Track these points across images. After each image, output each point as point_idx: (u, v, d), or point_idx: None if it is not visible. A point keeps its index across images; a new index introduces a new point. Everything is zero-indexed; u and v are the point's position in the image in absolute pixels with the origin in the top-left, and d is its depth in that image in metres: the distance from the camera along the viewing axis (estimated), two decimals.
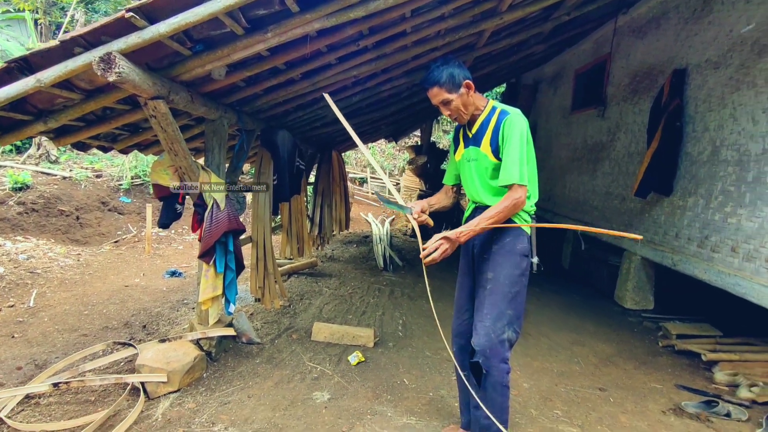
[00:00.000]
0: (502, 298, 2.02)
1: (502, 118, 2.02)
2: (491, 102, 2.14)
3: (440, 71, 2.01)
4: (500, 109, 2.07)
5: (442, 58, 2.08)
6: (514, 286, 2.04)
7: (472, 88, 2.07)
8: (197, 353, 2.93)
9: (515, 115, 2.01)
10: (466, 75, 2.05)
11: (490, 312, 2.02)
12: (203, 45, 2.28)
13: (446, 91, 2.03)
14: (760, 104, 3.32)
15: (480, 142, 2.09)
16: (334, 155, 6.30)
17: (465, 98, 2.06)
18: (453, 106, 2.07)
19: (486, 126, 2.08)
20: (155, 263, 6.67)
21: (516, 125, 1.98)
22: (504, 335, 2.00)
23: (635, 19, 5.11)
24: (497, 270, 2.06)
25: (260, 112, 3.63)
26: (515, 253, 2.06)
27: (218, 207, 2.80)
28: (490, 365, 1.99)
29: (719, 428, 2.66)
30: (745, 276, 3.33)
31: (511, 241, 2.07)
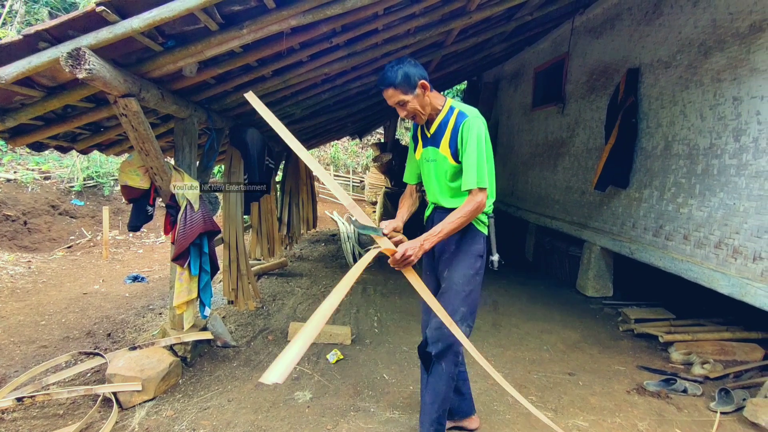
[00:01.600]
0: (455, 296, 2.09)
1: (460, 121, 2.01)
2: (449, 101, 2.12)
3: (395, 72, 1.97)
4: (458, 110, 2.06)
5: (397, 59, 2.04)
6: (467, 285, 2.10)
7: (428, 88, 2.04)
8: (172, 359, 2.84)
9: (473, 118, 2.00)
10: (421, 74, 2.01)
11: (444, 309, 2.06)
12: (175, 41, 2.21)
13: (402, 92, 1.99)
14: (707, 102, 3.57)
15: (439, 143, 2.09)
16: None
17: (421, 99, 2.03)
18: (409, 107, 2.04)
19: (444, 127, 2.07)
20: (114, 268, 6.38)
21: (474, 128, 1.97)
22: (456, 330, 2.03)
23: (591, 20, 5.35)
24: (452, 269, 2.13)
25: (229, 110, 3.56)
26: (470, 253, 2.12)
27: (192, 208, 2.72)
28: (442, 357, 2.07)
29: (678, 403, 2.86)
30: (696, 262, 3.58)
31: (467, 242, 2.13)
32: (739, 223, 3.21)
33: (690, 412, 2.76)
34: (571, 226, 5.51)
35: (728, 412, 2.74)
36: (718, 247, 3.38)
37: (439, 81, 7.07)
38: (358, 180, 15.84)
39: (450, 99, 2.15)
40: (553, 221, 6.00)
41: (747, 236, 3.13)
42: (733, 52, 3.32)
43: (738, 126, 3.26)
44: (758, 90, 3.10)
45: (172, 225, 2.72)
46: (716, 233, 3.40)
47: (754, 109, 3.13)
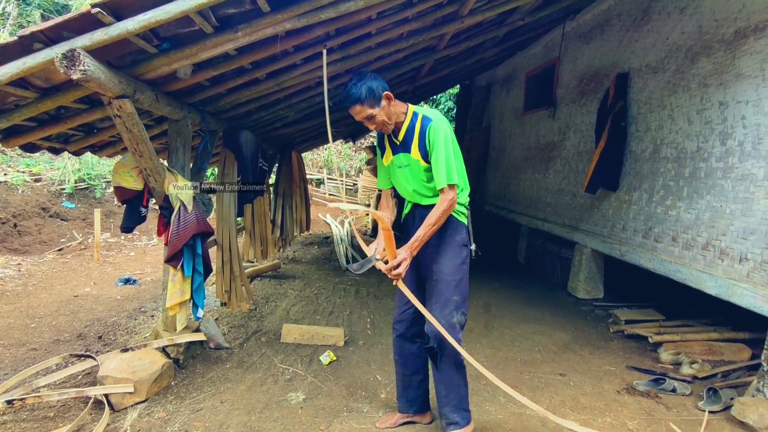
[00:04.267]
0: (446, 286, 2.16)
1: (425, 125, 2.10)
2: (411, 107, 2.20)
3: (359, 88, 2.03)
4: (422, 114, 2.15)
5: (356, 75, 2.10)
6: (456, 274, 2.17)
7: (392, 99, 2.12)
8: (164, 361, 2.84)
9: (437, 120, 2.10)
10: (384, 86, 2.09)
11: (437, 300, 2.16)
12: (170, 43, 2.23)
13: (368, 107, 2.06)
14: (694, 106, 3.63)
15: (409, 149, 2.18)
16: (294, 156, 6.25)
17: (387, 110, 2.11)
18: (377, 120, 2.11)
19: (412, 132, 2.16)
20: (106, 271, 6.34)
21: (439, 130, 2.07)
22: (453, 319, 2.14)
23: (581, 25, 5.42)
24: (440, 261, 2.19)
25: (223, 112, 3.57)
26: (454, 244, 2.20)
27: (185, 209, 2.72)
28: (443, 347, 2.13)
29: (667, 403, 2.90)
30: (685, 263, 3.64)
31: (450, 234, 2.20)
32: (725, 225, 3.27)
33: (679, 411, 2.80)
34: (563, 228, 5.57)
35: (716, 411, 2.78)
36: (705, 249, 3.44)
37: (432, 85, 7.12)
38: (351, 183, 15.85)
39: (411, 105, 2.22)
40: (544, 224, 6.06)
41: (733, 238, 3.19)
42: (719, 58, 3.40)
43: (724, 130, 3.33)
44: (743, 95, 3.17)
45: (166, 226, 2.72)
46: (704, 235, 3.46)
47: (739, 113, 3.20)
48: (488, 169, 8.65)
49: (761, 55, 3.03)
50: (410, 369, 2.42)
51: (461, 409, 2.23)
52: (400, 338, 2.41)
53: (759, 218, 2.99)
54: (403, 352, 2.41)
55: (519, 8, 4.25)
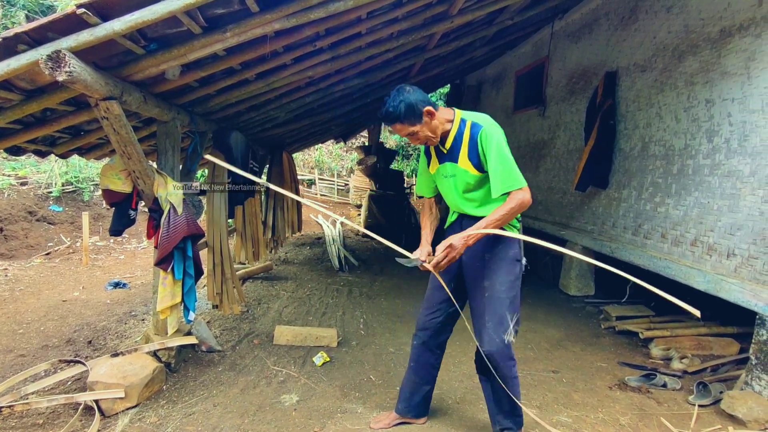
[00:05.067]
0: (500, 304, 2.08)
1: (476, 132, 2.00)
2: (458, 114, 2.10)
3: (397, 106, 1.95)
4: (470, 121, 2.05)
5: (395, 90, 2.01)
6: (510, 291, 2.10)
7: (434, 114, 2.02)
8: (156, 365, 2.80)
9: (488, 126, 2.00)
10: (425, 101, 1.99)
11: (490, 319, 2.08)
12: (158, 44, 2.20)
13: (409, 125, 1.99)
14: (681, 104, 3.68)
15: (457, 158, 2.08)
16: (285, 156, 6.22)
17: (430, 125, 2.02)
18: (421, 136, 2.04)
19: (460, 141, 2.06)
20: (95, 275, 6.26)
21: (492, 136, 1.97)
22: (507, 338, 2.08)
23: (570, 24, 5.46)
24: (493, 278, 2.10)
25: (212, 113, 3.54)
26: (508, 259, 2.11)
27: (175, 211, 2.70)
28: (498, 365, 2.08)
29: (658, 398, 2.93)
30: (674, 259, 3.68)
31: (502, 248, 2.11)
32: (713, 221, 3.31)
33: (670, 406, 2.83)
34: (554, 226, 5.60)
35: (706, 405, 2.82)
36: (693, 245, 3.48)
37: (422, 84, 7.13)
38: (342, 183, 15.83)
39: (459, 111, 2.12)
40: (535, 222, 6.09)
41: (721, 234, 3.23)
42: (705, 56, 3.44)
43: (711, 127, 3.37)
44: (729, 93, 3.21)
45: (155, 229, 2.69)
46: (692, 231, 3.50)
47: (725, 111, 3.24)
48: None
49: (746, 53, 3.08)
50: (423, 378, 2.39)
51: (515, 415, 2.22)
52: (422, 346, 2.35)
53: (745, 214, 3.04)
54: (420, 360, 2.36)
55: (508, 8, 4.27)
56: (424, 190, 2.39)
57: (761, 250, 2.90)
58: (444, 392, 2.88)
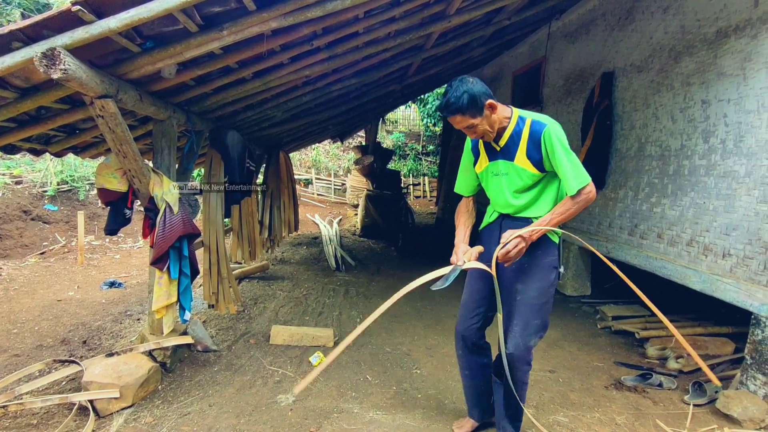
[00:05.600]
0: (530, 309, 2.07)
1: (539, 130, 1.97)
2: (516, 112, 2.07)
3: (460, 97, 1.90)
4: (530, 119, 2.02)
5: (457, 80, 1.95)
6: (542, 297, 2.08)
7: (496, 107, 1.98)
8: (151, 365, 2.79)
9: (552, 125, 1.98)
10: (487, 94, 1.94)
11: (518, 323, 2.07)
12: (154, 42, 2.19)
13: (470, 117, 1.94)
14: (678, 105, 3.69)
15: (513, 156, 2.05)
16: (282, 156, 6.21)
17: (490, 119, 1.98)
18: (479, 129, 1.99)
19: (518, 139, 2.03)
20: (90, 275, 6.23)
21: (556, 134, 1.95)
22: (531, 343, 2.07)
23: (567, 25, 5.47)
24: (527, 282, 2.08)
25: (209, 112, 3.52)
26: (544, 266, 2.09)
27: (171, 211, 2.68)
28: (516, 368, 2.09)
29: (654, 397, 2.94)
30: (670, 259, 3.69)
31: (541, 254, 2.09)
32: (709, 222, 3.32)
33: (665, 405, 2.84)
34: None
35: (701, 405, 2.83)
36: (689, 245, 3.49)
37: (420, 84, 7.13)
38: (339, 183, 15.81)
39: (516, 109, 2.09)
40: None
41: (716, 234, 3.24)
42: (701, 57, 3.45)
43: (707, 128, 3.38)
44: (725, 93, 3.22)
45: (151, 228, 2.68)
46: (688, 231, 3.52)
47: (721, 111, 3.25)
48: None
49: (742, 54, 3.09)
50: (482, 379, 2.34)
51: (516, 420, 2.22)
52: (468, 353, 2.31)
53: (741, 214, 3.05)
54: (472, 366, 2.33)
55: (505, 8, 4.27)
56: (464, 188, 2.36)
57: (756, 251, 2.91)
58: (440, 392, 2.88)
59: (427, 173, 17.46)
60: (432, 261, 6.99)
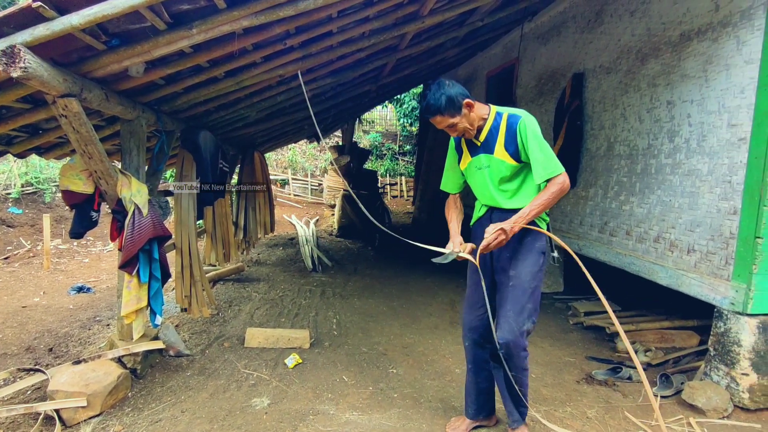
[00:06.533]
0: (523, 293, 2.14)
1: (514, 122, 2.08)
2: (493, 108, 2.19)
3: (438, 98, 2.02)
4: (507, 113, 2.14)
5: (435, 83, 2.08)
6: (533, 281, 2.16)
7: (473, 105, 2.10)
8: (120, 371, 2.72)
9: (527, 117, 2.10)
10: (463, 93, 2.07)
11: (512, 308, 2.14)
12: (120, 39, 2.13)
13: (450, 117, 2.06)
14: (645, 105, 3.80)
15: (492, 149, 2.15)
16: (257, 156, 6.13)
17: (469, 116, 2.10)
18: (459, 128, 2.11)
19: (496, 132, 2.13)
20: (57, 279, 6.03)
21: (530, 125, 2.07)
22: (524, 327, 2.14)
23: (539, 27, 5.57)
24: (518, 267, 2.17)
25: (180, 111, 3.45)
26: (535, 250, 2.18)
27: (140, 213, 2.62)
28: (511, 354, 2.13)
29: (623, 390, 3.02)
30: (638, 256, 3.80)
31: (531, 240, 2.18)
32: (674, 219, 3.43)
33: (634, 398, 2.92)
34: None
35: (668, 396, 2.92)
36: (656, 241, 3.60)
37: (395, 84, 7.15)
38: (316, 183, 15.72)
39: (494, 106, 2.20)
40: None
41: (682, 230, 3.36)
42: (666, 59, 3.56)
43: (672, 128, 3.49)
44: (689, 94, 3.34)
45: (119, 231, 2.61)
46: (655, 228, 3.63)
47: (685, 112, 3.37)
48: None
49: (704, 56, 3.20)
50: (483, 376, 2.40)
51: (522, 406, 2.27)
52: (474, 346, 2.37)
53: (704, 211, 3.16)
54: (477, 360, 2.38)
55: (478, 9, 4.32)
56: (450, 186, 2.45)
57: (719, 246, 3.03)
58: (417, 391, 2.90)
59: (404, 173, 17.53)
60: (409, 260, 7.02)
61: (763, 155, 2.72)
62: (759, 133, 2.75)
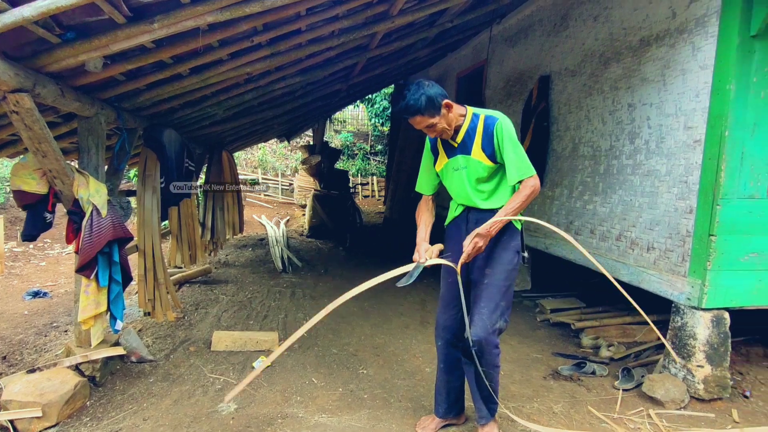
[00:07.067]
0: (497, 291, 2.17)
1: (491, 124, 2.11)
2: (470, 110, 2.21)
3: (418, 98, 2.02)
4: (483, 115, 2.16)
5: (414, 84, 2.08)
6: (507, 279, 2.19)
7: (452, 106, 2.11)
8: (78, 380, 2.60)
9: (503, 119, 2.12)
10: (443, 94, 2.08)
11: (486, 305, 2.16)
12: (76, 33, 2.04)
13: (429, 117, 2.06)
14: (607, 107, 3.92)
15: (470, 150, 2.17)
16: (225, 155, 6.00)
17: (447, 117, 2.11)
18: (438, 128, 2.11)
19: (473, 133, 2.16)
20: (11, 284, 5.73)
21: (507, 127, 2.09)
22: (497, 325, 2.17)
23: (507, 29, 5.67)
24: (494, 265, 2.20)
25: (142, 108, 3.34)
26: (510, 249, 2.21)
27: (99, 214, 2.51)
28: (483, 351, 2.16)
29: (588, 385, 3.10)
30: (601, 253, 3.91)
31: (506, 239, 2.21)
32: (635, 218, 3.55)
33: (598, 392, 3.01)
34: None
35: (630, 389, 3.02)
36: (618, 240, 3.72)
37: (366, 83, 7.14)
38: (287, 183, 15.53)
39: (470, 108, 2.22)
40: None
41: (642, 229, 3.48)
42: (627, 63, 3.68)
43: (632, 130, 3.62)
44: (648, 98, 3.46)
45: (76, 233, 2.50)
46: (617, 227, 3.75)
47: (645, 114, 3.49)
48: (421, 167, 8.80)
49: (662, 61, 3.33)
50: (455, 375, 2.41)
51: (491, 403, 2.29)
52: (447, 345, 2.38)
53: (663, 210, 3.29)
54: (449, 359, 2.39)
55: (448, 10, 4.36)
56: (425, 187, 2.47)
57: (676, 244, 3.15)
58: (386, 391, 2.90)
59: (375, 173, 17.53)
60: (380, 260, 7.03)
61: (716, 156, 2.85)
62: (712, 135, 2.88)
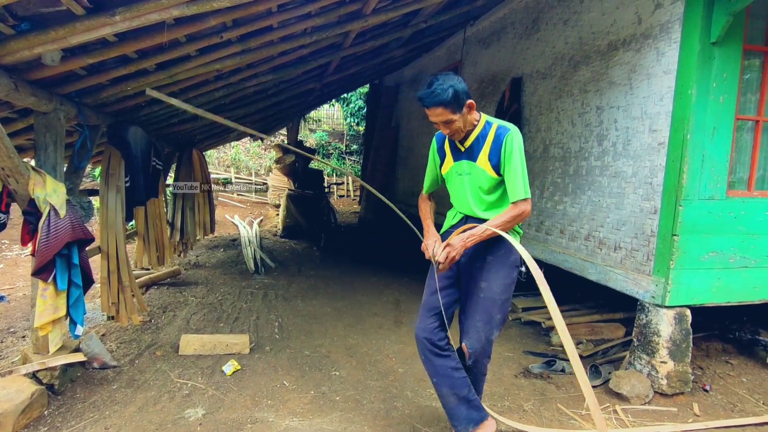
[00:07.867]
0: (493, 305, 2.14)
1: (502, 134, 2.05)
2: (484, 116, 2.16)
3: (445, 90, 1.93)
4: (496, 124, 2.10)
5: (443, 75, 2.00)
6: (504, 293, 2.16)
7: (474, 107, 2.06)
8: (35, 388, 2.48)
9: (515, 132, 2.06)
10: (468, 94, 2.02)
11: (482, 318, 2.13)
12: (31, 23, 1.94)
13: (450, 112, 1.98)
14: (577, 110, 4.00)
15: (476, 157, 2.12)
16: (195, 154, 5.85)
17: (466, 118, 2.05)
18: (455, 127, 2.04)
19: (482, 141, 2.10)
20: None
21: (516, 142, 2.04)
22: (492, 336, 2.16)
23: (481, 31, 5.72)
24: (491, 279, 2.16)
25: (106, 105, 3.22)
26: (508, 264, 2.18)
27: (57, 214, 2.40)
28: (477, 361, 2.18)
29: (557, 382, 3.16)
30: (571, 253, 3.99)
31: (505, 253, 2.17)
32: (603, 218, 3.63)
33: (567, 389, 3.06)
34: None
35: (597, 385, 3.08)
36: (587, 239, 3.80)
37: (341, 83, 7.09)
38: (260, 182, 15.29)
39: (484, 114, 2.18)
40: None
41: (609, 229, 3.56)
42: (596, 67, 3.76)
43: (601, 132, 3.70)
44: (615, 101, 3.54)
45: (32, 234, 2.38)
46: (586, 227, 3.82)
47: (612, 117, 3.57)
48: (397, 168, 8.82)
49: (629, 65, 3.41)
50: (459, 384, 2.15)
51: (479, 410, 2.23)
52: (432, 355, 2.16)
53: (629, 211, 3.37)
54: (440, 371, 2.16)
55: (422, 11, 4.36)
56: (425, 186, 2.50)
57: (641, 243, 3.24)
58: (359, 393, 2.87)
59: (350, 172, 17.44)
60: (355, 260, 6.98)
61: (679, 158, 2.94)
62: (675, 138, 2.97)
